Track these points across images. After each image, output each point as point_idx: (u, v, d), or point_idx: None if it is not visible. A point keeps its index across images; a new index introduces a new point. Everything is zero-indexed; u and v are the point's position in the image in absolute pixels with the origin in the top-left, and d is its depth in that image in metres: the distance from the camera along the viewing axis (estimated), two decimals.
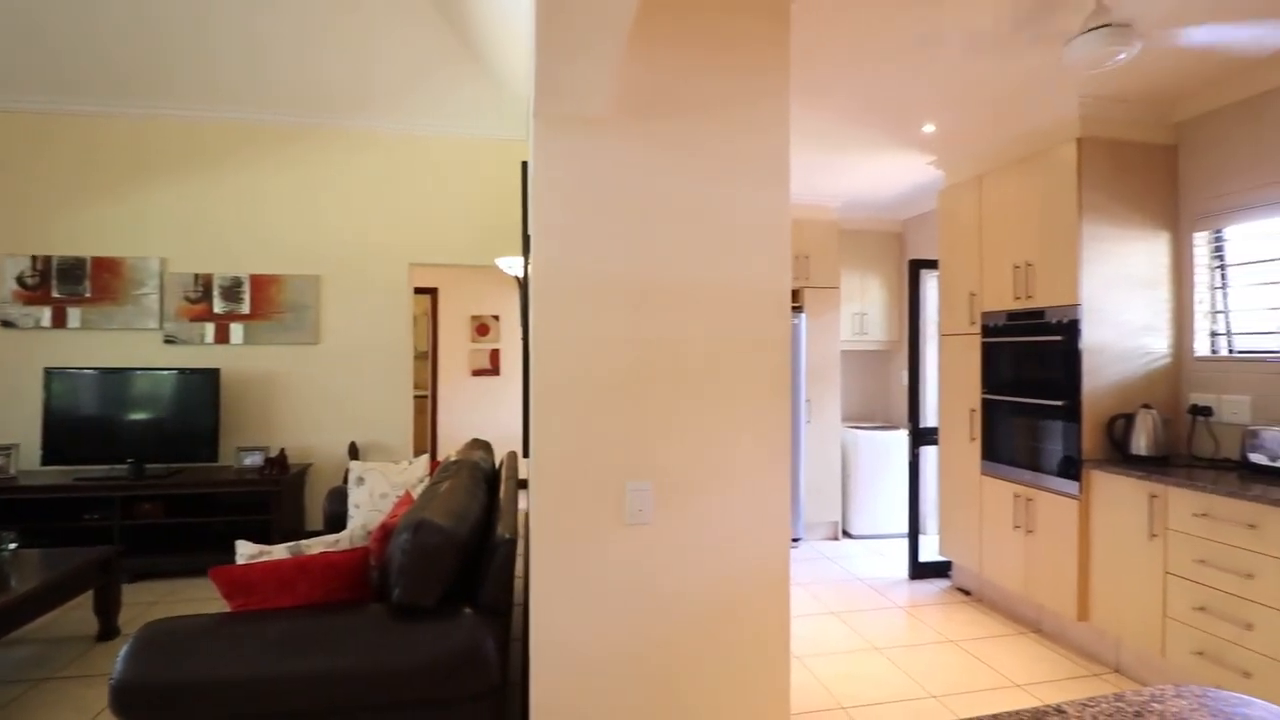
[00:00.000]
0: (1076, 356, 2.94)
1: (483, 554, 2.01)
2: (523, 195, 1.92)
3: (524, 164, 1.94)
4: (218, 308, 4.24)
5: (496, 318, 6.91)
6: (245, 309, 4.26)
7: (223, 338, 4.24)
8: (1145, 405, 2.87)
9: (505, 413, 6.86)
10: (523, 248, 1.86)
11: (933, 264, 4.15)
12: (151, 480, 3.78)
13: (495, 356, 6.90)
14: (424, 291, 6.74)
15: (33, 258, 4.06)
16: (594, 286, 1.81)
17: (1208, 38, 2.43)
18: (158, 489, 3.76)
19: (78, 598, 2.97)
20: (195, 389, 4.01)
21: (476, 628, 1.76)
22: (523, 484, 5.53)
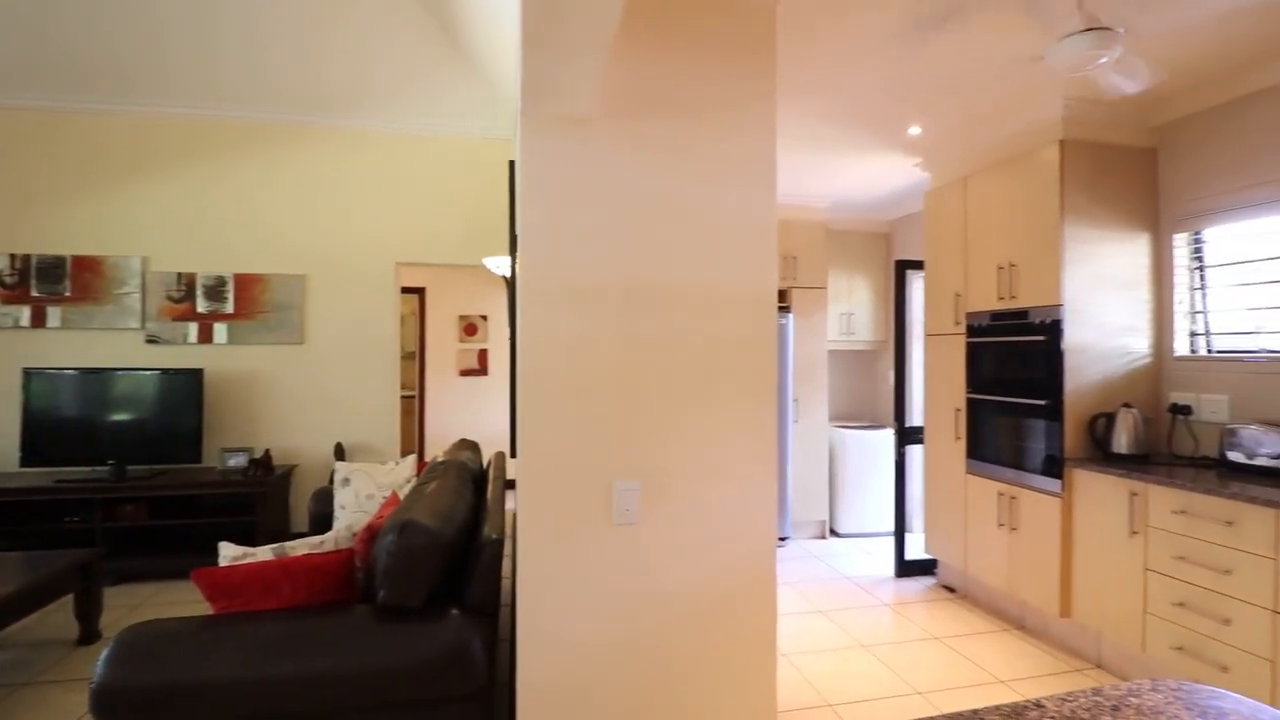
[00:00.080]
0: (1059, 356, 2.98)
1: (470, 554, 2.00)
2: (510, 195, 1.91)
3: (511, 164, 1.94)
4: (201, 307, 4.19)
5: (484, 318, 6.88)
6: (229, 308, 4.22)
7: (206, 337, 4.19)
8: (1126, 404, 2.92)
9: (493, 413, 6.83)
10: (510, 247, 1.85)
11: (919, 264, 4.18)
12: (134, 482, 3.73)
13: (483, 356, 6.87)
14: (411, 291, 6.70)
15: (11, 256, 4.00)
16: (581, 286, 1.81)
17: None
18: (140, 491, 3.72)
19: (58, 601, 2.93)
20: (178, 389, 3.96)
21: (463, 628, 1.76)
22: (510, 484, 5.51)
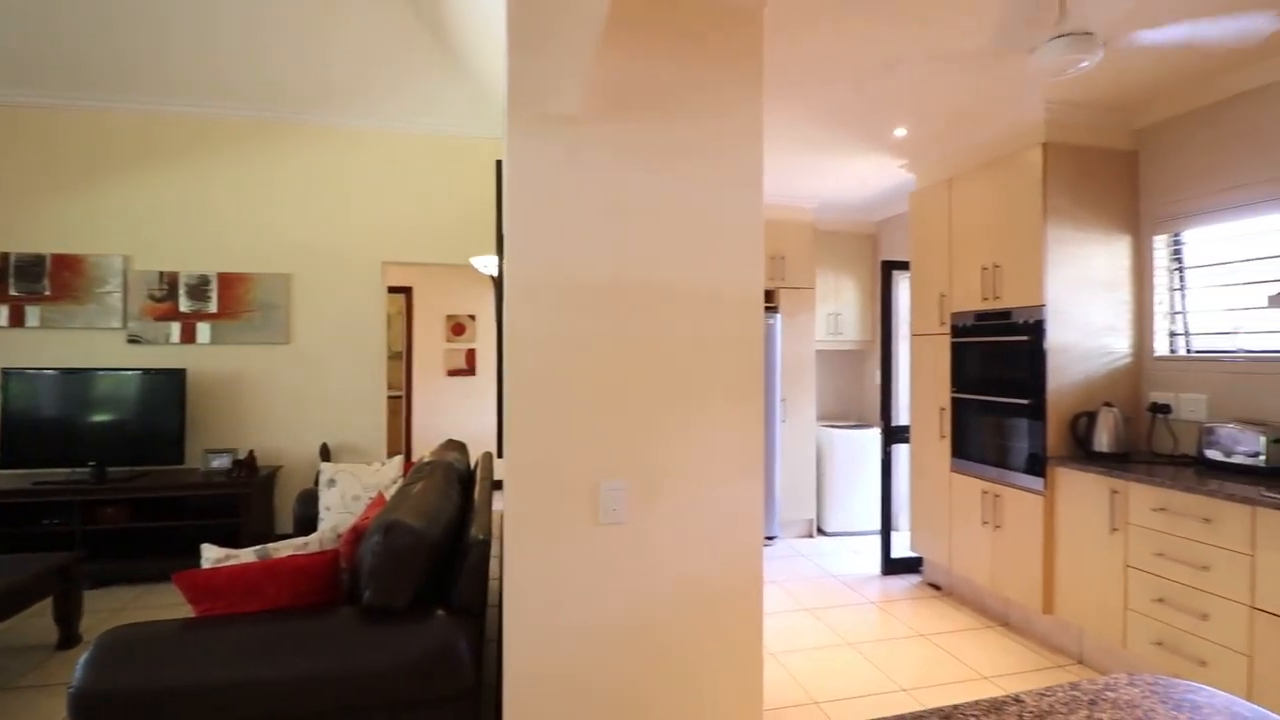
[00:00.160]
0: (1042, 356, 3.02)
1: (456, 555, 2.00)
2: (498, 194, 1.91)
3: (499, 162, 1.93)
4: (184, 306, 4.14)
5: (473, 317, 6.85)
6: (213, 308, 4.17)
7: (189, 337, 4.14)
8: (1107, 403, 2.95)
9: (481, 413, 6.80)
10: (497, 247, 1.85)
11: (905, 265, 4.22)
12: (115, 483, 3.68)
13: (471, 356, 6.84)
14: (398, 290, 6.66)
15: None
16: (568, 286, 1.81)
17: (1166, 38, 2.50)
18: (121, 492, 3.67)
19: (37, 605, 2.88)
20: (160, 390, 3.92)
21: (449, 629, 1.75)
22: (498, 485, 5.49)
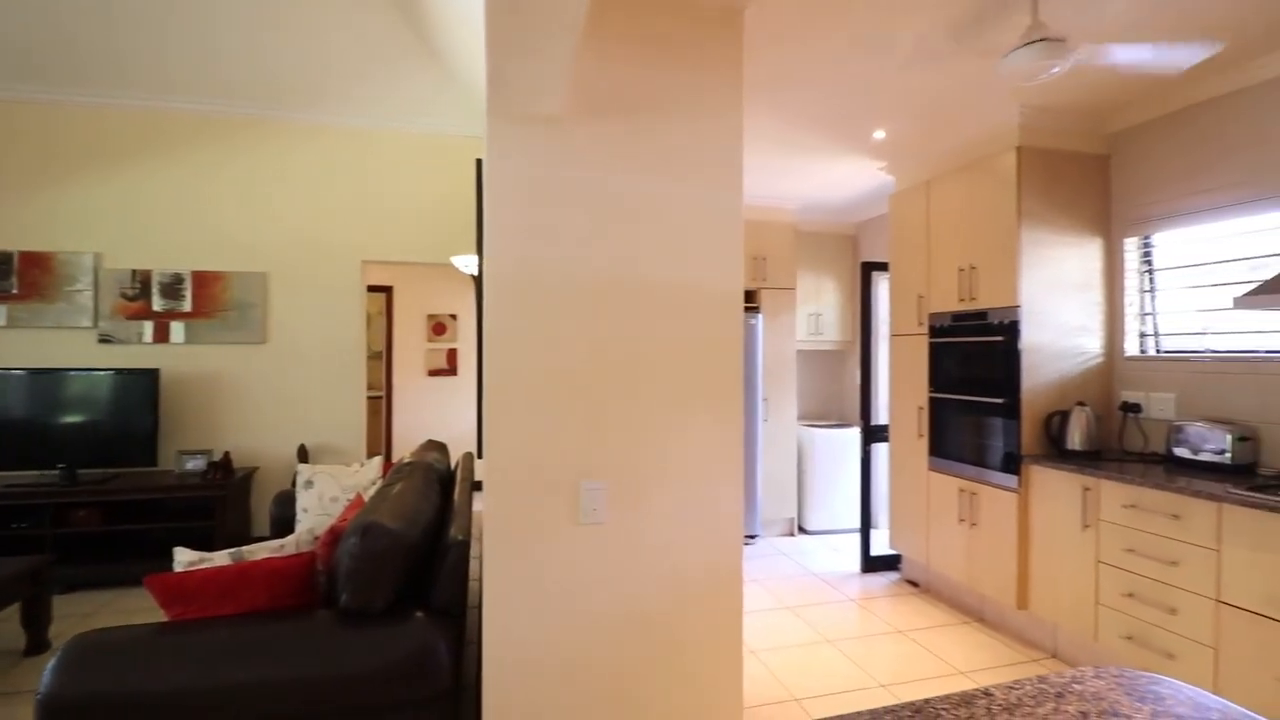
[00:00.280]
0: (1016, 356, 3.07)
1: (435, 556, 1.98)
2: (478, 193, 1.90)
3: (479, 161, 1.92)
4: (157, 305, 4.07)
5: (454, 317, 6.81)
6: (187, 306, 4.10)
7: (162, 337, 4.07)
8: (1080, 402, 3.01)
9: (463, 413, 6.76)
10: (478, 246, 1.84)
11: (884, 266, 4.26)
12: (86, 486, 3.61)
13: (452, 356, 6.80)
14: (378, 290, 6.59)
15: None
16: (547, 285, 1.80)
17: (1133, 56, 2.55)
18: (92, 495, 3.59)
19: (5, 610, 2.82)
20: (132, 390, 3.84)
21: (428, 631, 1.74)
22: (479, 486, 5.45)
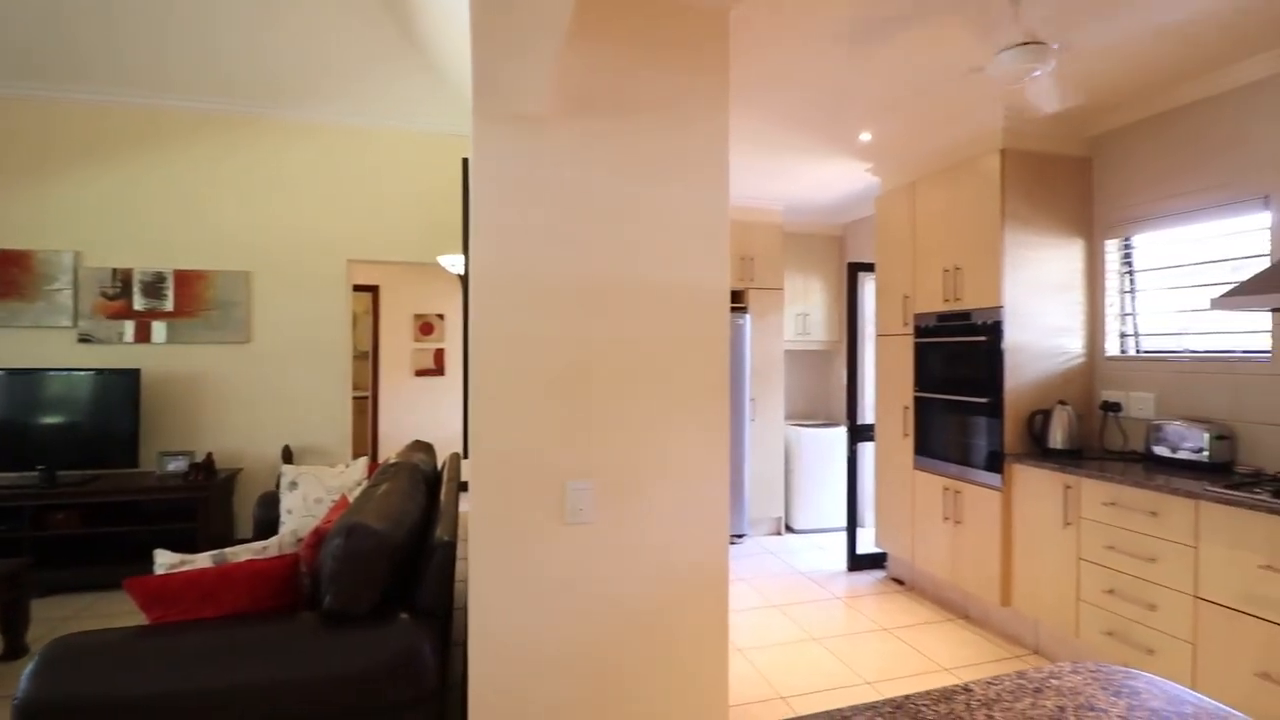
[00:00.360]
0: (999, 356, 3.10)
1: (421, 558, 1.98)
2: (464, 192, 1.89)
3: (465, 160, 1.92)
4: (138, 304, 4.01)
5: (441, 316, 6.77)
6: (169, 306, 4.05)
7: (144, 336, 4.01)
8: (1061, 402, 3.05)
9: (449, 414, 6.73)
10: (464, 246, 1.83)
11: (870, 267, 4.29)
12: (65, 488, 3.55)
13: (440, 356, 6.76)
14: (364, 289, 6.55)
15: None
16: (533, 285, 1.80)
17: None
18: (72, 497, 3.54)
19: None
20: (113, 391, 3.79)
21: (413, 632, 1.73)
22: (465, 486, 5.42)
